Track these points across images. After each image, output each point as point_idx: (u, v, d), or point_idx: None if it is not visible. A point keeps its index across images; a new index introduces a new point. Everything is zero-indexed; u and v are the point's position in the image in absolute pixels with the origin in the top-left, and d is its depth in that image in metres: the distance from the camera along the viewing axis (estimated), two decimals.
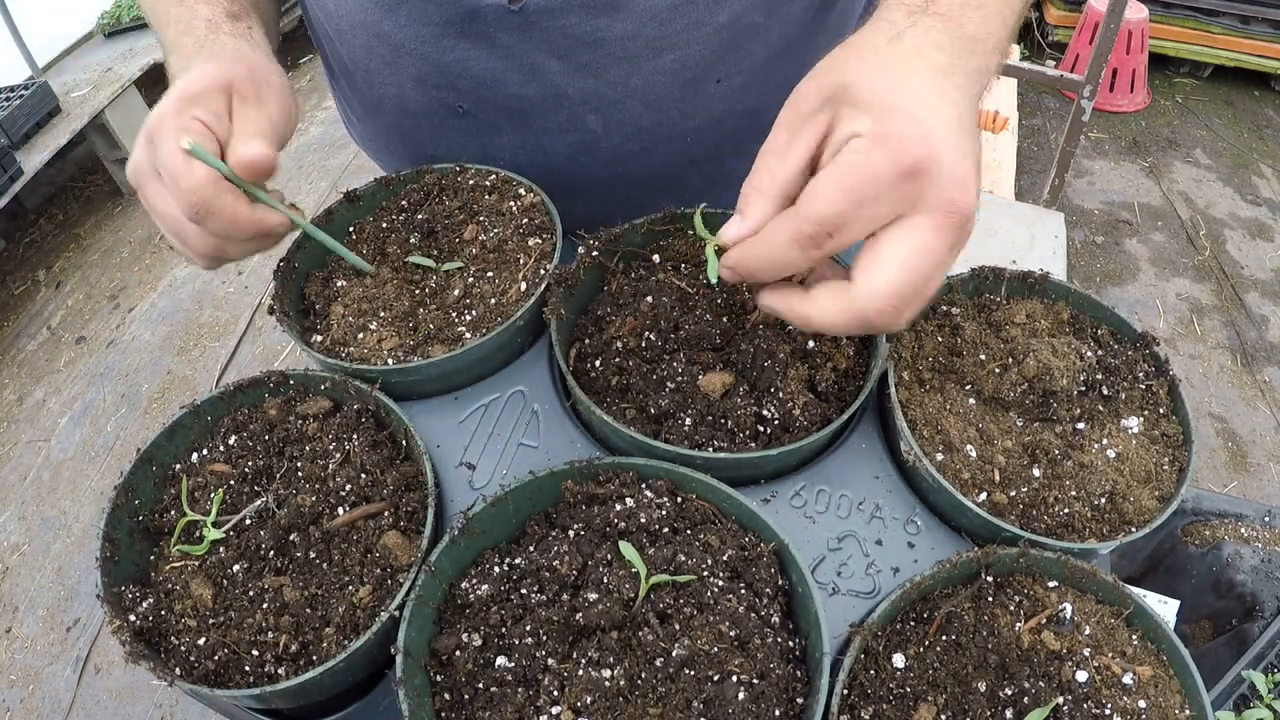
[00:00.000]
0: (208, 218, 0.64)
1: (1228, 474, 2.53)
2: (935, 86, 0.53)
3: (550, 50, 0.79)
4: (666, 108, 0.85)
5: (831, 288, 0.55)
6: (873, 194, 0.50)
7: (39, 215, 3.98)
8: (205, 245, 0.67)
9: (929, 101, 0.51)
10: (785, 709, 0.54)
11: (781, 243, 0.54)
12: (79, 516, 2.65)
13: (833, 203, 0.51)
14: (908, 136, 0.49)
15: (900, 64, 0.53)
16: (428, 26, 0.80)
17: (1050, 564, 0.61)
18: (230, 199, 0.65)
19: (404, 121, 0.92)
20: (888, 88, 0.52)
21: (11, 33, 3.59)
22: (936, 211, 0.50)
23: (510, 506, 0.63)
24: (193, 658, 0.59)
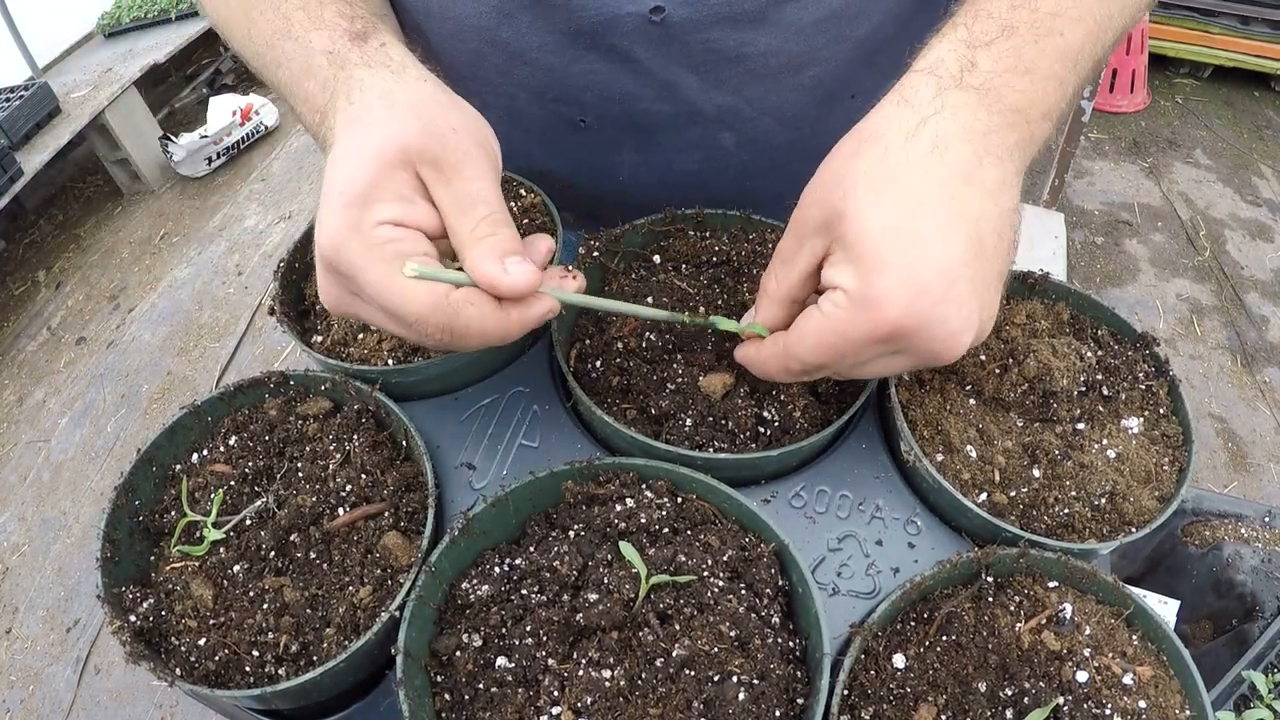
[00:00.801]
0: (457, 340, 0.54)
1: (1228, 474, 2.52)
2: (950, 206, 0.49)
3: (689, 65, 0.76)
4: (801, 125, 0.83)
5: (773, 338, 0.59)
6: (851, 352, 0.52)
7: (39, 216, 3.98)
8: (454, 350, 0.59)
9: (932, 239, 0.48)
10: (785, 709, 0.54)
11: (775, 369, 0.58)
12: (79, 517, 2.65)
13: (814, 354, 0.54)
14: (890, 301, 0.48)
15: (910, 181, 0.49)
16: (552, 35, 0.74)
17: (1050, 564, 0.61)
18: (473, 313, 0.53)
19: (513, 133, 0.83)
20: (881, 230, 0.49)
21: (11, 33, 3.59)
22: (913, 356, 0.52)
23: (510, 507, 0.63)
24: (193, 658, 0.59)
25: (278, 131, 4.33)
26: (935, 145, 0.49)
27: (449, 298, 0.52)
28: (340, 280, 0.54)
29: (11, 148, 3.25)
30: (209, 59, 4.69)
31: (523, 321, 0.56)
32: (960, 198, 0.49)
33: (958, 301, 0.49)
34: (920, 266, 0.48)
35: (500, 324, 0.54)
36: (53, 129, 3.47)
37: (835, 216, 0.51)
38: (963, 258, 0.48)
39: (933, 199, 0.49)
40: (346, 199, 0.52)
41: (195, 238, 3.74)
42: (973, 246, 0.49)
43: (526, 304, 0.55)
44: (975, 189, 0.49)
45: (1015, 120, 0.52)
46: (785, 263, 0.57)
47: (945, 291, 0.48)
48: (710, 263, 0.80)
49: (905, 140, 0.50)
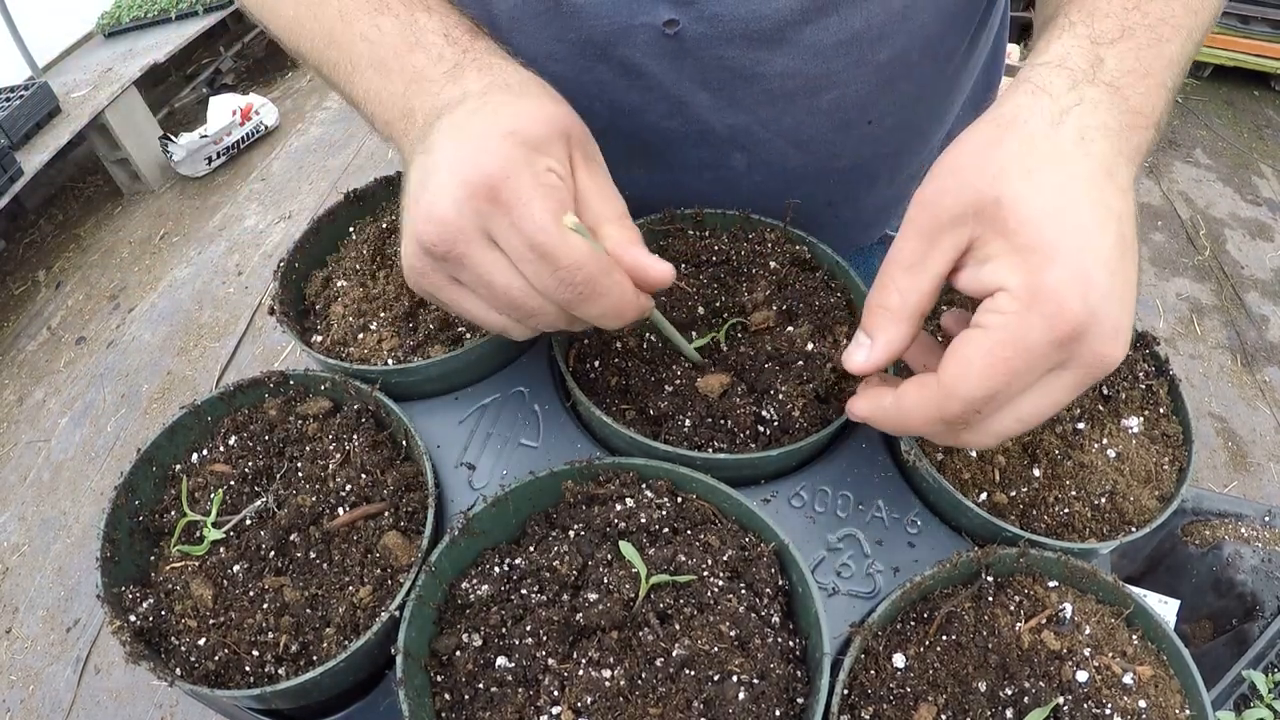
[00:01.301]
0: (590, 300, 0.53)
1: (1228, 474, 2.53)
2: (1099, 199, 0.45)
3: (702, 82, 0.74)
4: (817, 149, 0.81)
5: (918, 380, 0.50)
6: (1026, 368, 0.45)
7: (39, 215, 3.98)
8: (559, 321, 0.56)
9: (1092, 229, 0.44)
10: (785, 709, 0.54)
11: (923, 420, 0.49)
12: (79, 516, 2.65)
13: (985, 380, 0.45)
14: (1066, 297, 0.43)
15: (1062, 168, 0.46)
16: (563, 44, 0.72)
17: (1050, 564, 0.61)
18: (620, 278, 0.54)
19: None
20: (1045, 214, 0.44)
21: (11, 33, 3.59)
22: (1081, 369, 0.46)
23: (510, 507, 0.63)
24: (193, 658, 0.59)
25: (278, 131, 4.33)
26: (1081, 137, 0.46)
27: (601, 259, 0.52)
28: (484, 213, 0.50)
29: (11, 148, 3.25)
30: (209, 59, 4.69)
31: (640, 308, 0.57)
32: (1106, 192, 0.46)
33: (1119, 299, 0.44)
34: (1088, 256, 0.44)
35: (631, 301, 0.55)
36: (53, 129, 3.47)
37: (989, 204, 0.46)
38: (1116, 253, 0.45)
39: (1084, 190, 0.45)
40: (518, 138, 0.51)
41: (195, 237, 3.74)
42: (1120, 243, 0.45)
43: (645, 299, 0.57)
44: (1114, 186, 0.46)
45: (1137, 122, 0.49)
46: (911, 268, 0.49)
47: (1109, 286, 0.44)
48: (710, 262, 0.80)
49: (1050, 128, 0.47)
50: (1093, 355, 0.45)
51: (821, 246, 0.79)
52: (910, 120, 0.84)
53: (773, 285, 0.77)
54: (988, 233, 0.46)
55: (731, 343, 0.73)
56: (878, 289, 0.51)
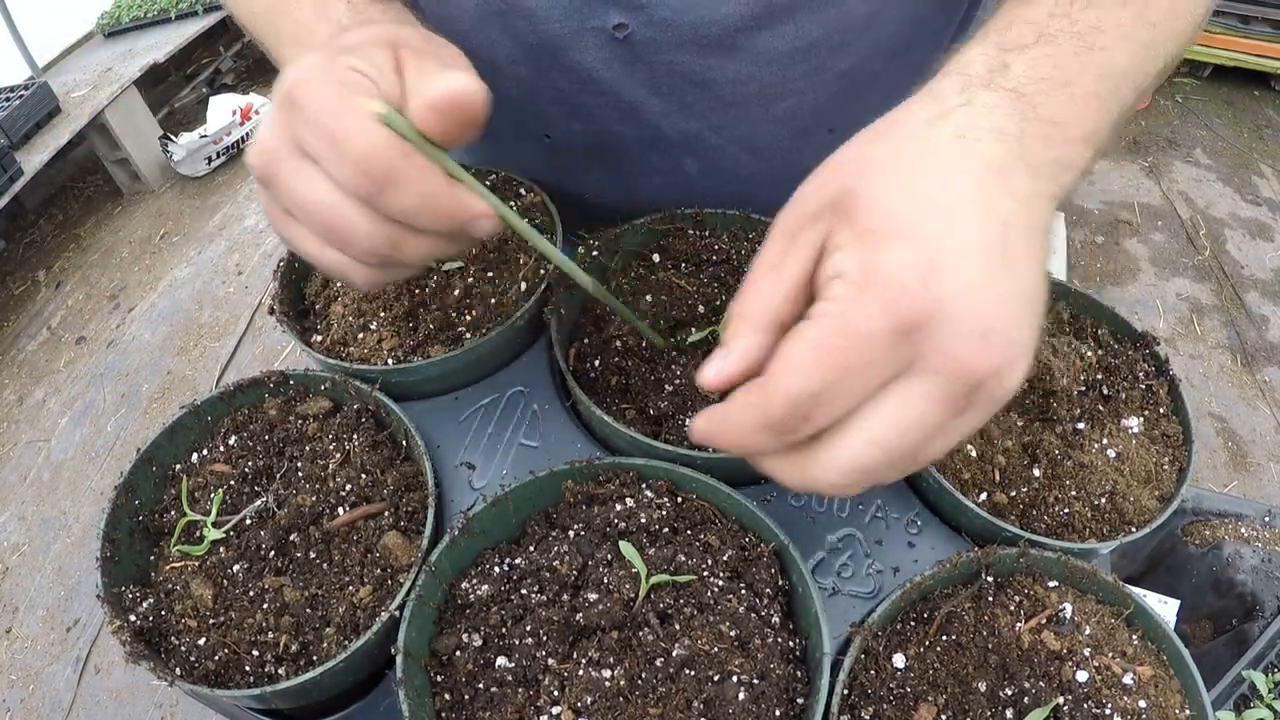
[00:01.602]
0: (389, 189, 0.46)
1: (1228, 474, 2.52)
2: (977, 191, 0.40)
3: (652, 88, 0.73)
4: (772, 157, 0.80)
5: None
6: (860, 361, 0.38)
7: (39, 215, 3.98)
8: (375, 237, 0.48)
9: (958, 219, 0.39)
10: (785, 709, 0.54)
11: (749, 429, 0.41)
12: (79, 516, 2.65)
13: (808, 376, 0.39)
14: (906, 279, 0.38)
15: (929, 160, 0.41)
16: (520, 47, 0.73)
17: (1050, 564, 0.61)
18: (422, 163, 0.47)
19: (484, 143, 0.84)
20: (896, 199, 0.40)
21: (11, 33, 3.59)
22: (935, 375, 0.38)
23: (510, 506, 0.63)
24: (193, 658, 0.59)
25: None
26: (961, 135, 0.42)
27: (404, 146, 0.46)
28: (288, 117, 0.47)
29: (11, 148, 3.25)
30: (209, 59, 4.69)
31: (461, 202, 0.49)
32: (989, 191, 0.40)
33: (995, 299, 0.38)
34: (946, 244, 0.38)
35: (446, 191, 0.48)
36: (53, 129, 3.47)
37: (843, 193, 0.42)
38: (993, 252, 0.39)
39: (955, 183, 0.40)
40: (328, 51, 0.48)
41: (195, 237, 3.74)
42: (1001, 245, 0.40)
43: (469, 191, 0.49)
44: (1004, 188, 0.41)
45: (1052, 134, 0.44)
46: (773, 269, 0.44)
47: (975, 281, 0.38)
48: (710, 261, 0.80)
49: (926, 126, 0.43)
50: (945, 356, 0.38)
51: None
52: None
53: None
54: (838, 224, 0.42)
55: None
56: (739, 294, 0.45)
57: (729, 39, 0.69)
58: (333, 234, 0.49)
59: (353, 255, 0.50)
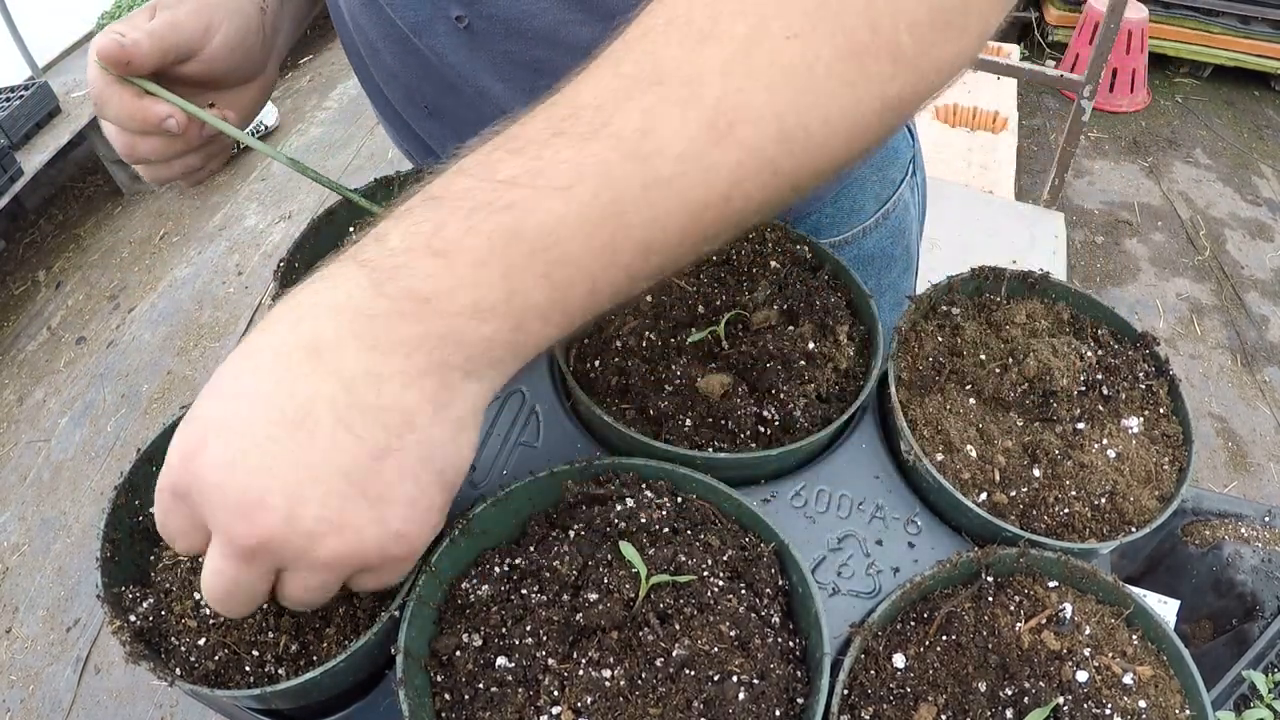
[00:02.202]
0: (103, 107, 0.69)
1: (1228, 474, 2.53)
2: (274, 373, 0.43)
3: (495, 73, 0.78)
4: None
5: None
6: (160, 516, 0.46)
7: (39, 215, 3.98)
8: (117, 141, 0.72)
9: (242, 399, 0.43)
10: (785, 709, 0.54)
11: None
12: (79, 516, 2.65)
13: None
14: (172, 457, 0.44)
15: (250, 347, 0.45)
16: (391, 28, 0.80)
17: (1050, 564, 0.61)
18: (118, 89, 0.68)
19: (392, 120, 0.94)
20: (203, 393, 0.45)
21: (11, 33, 3.59)
22: (218, 536, 0.43)
23: (511, 507, 0.63)
24: (193, 658, 0.59)
25: (278, 131, 4.33)
26: (299, 318, 0.44)
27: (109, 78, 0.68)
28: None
29: (11, 148, 3.25)
30: None
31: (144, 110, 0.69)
32: (295, 371, 0.42)
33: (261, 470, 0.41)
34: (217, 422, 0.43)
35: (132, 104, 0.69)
36: (53, 129, 3.47)
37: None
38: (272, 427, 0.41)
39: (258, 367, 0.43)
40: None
41: (195, 237, 3.74)
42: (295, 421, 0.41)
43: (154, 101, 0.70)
44: (321, 369, 0.42)
45: (419, 310, 0.42)
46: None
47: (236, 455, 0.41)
48: (710, 261, 0.80)
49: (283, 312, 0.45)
50: (214, 523, 0.43)
51: (822, 247, 0.79)
52: None
53: (774, 285, 0.77)
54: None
55: (733, 342, 0.73)
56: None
57: (551, 33, 0.74)
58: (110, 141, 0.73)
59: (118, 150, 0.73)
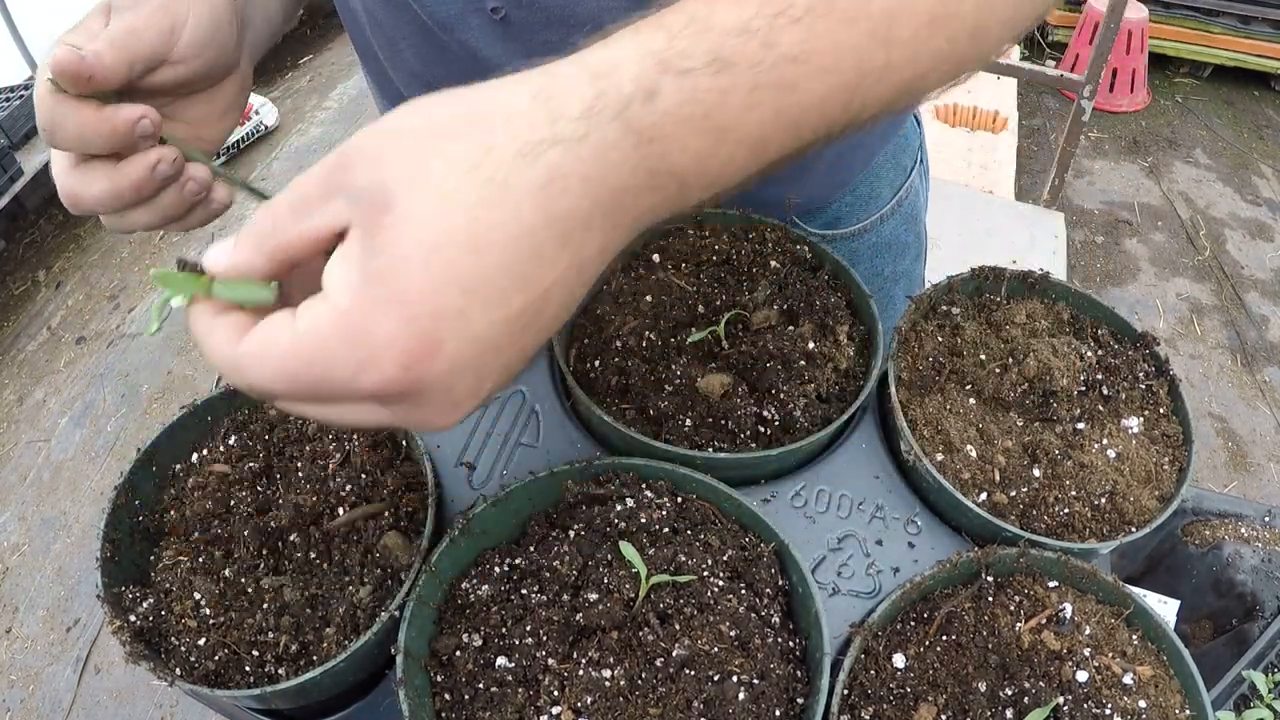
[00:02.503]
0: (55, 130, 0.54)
1: (1228, 474, 2.52)
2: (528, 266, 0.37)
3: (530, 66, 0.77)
4: None
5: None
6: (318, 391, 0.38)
7: (39, 215, 3.98)
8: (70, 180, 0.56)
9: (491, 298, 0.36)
10: (785, 709, 0.54)
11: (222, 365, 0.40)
12: (79, 516, 2.65)
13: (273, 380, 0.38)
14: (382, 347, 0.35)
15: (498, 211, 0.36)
16: (415, 26, 0.77)
17: (1050, 564, 0.61)
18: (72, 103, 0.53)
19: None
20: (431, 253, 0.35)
21: (11, 33, 3.59)
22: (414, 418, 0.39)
23: (511, 507, 0.63)
24: (193, 658, 0.59)
25: (278, 131, 4.33)
26: (549, 182, 0.37)
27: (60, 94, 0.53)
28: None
29: (11, 148, 3.25)
30: None
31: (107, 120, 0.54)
32: (544, 261, 0.37)
33: (478, 373, 0.38)
34: (450, 326, 0.36)
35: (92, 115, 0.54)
36: None
37: (381, 201, 0.36)
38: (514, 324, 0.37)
39: (511, 254, 0.36)
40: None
41: (195, 237, 3.73)
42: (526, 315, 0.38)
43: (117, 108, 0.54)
44: (567, 254, 0.38)
45: (666, 185, 0.39)
46: (295, 210, 0.39)
47: (470, 362, 0.37)
48: (710, 261, 0.80)
49: (516, 157, 0.37)
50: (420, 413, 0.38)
51: (822, 247, 0.79)
52: None
53: (774, 285, 0.77)
54: (362, 231, 0.37)
55: (733, 342, 0.73)
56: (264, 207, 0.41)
57: (594, 20, 0.71)
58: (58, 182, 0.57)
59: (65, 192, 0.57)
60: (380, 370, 0.36)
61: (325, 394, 0.38)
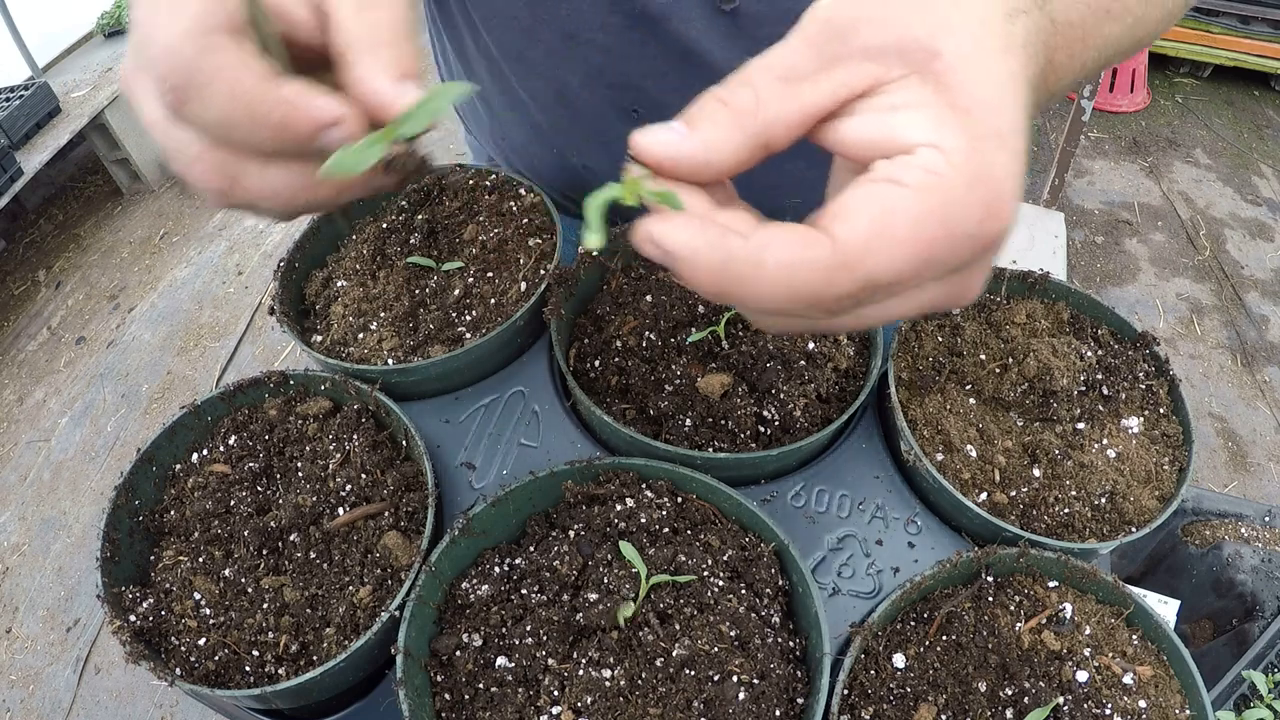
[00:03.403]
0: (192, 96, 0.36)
1: (1228, 474, 2.52)
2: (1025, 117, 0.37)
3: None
4: None
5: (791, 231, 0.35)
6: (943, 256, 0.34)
7: (39, 215, 3.98)
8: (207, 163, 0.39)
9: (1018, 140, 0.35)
10: (785, 709, 0.54)
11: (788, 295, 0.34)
12: (79, 516, 2.65)
13: (903, 260, 0.33)
14: (1006, 196, 0.34)
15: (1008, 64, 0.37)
16: (615, 17, 0.71)
17: (1050, 564, 0.61)
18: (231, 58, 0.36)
19: (560, 121, 0.81)
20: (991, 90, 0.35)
21: (11, 33, 3.59)
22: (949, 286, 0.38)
23: (510, 507, 0.63)
24: (193, 658, 0.59)
25: None
26: (1025, 44, 0.38)
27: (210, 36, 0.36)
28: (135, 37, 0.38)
29: (11, 148, 3.25)
30: None
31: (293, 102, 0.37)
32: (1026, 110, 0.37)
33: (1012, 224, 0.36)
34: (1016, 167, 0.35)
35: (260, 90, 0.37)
36: (53, 129, 3.47)
37: (922, 51, 0.35)
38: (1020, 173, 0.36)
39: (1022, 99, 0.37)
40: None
41: (195, 237, 3.74)
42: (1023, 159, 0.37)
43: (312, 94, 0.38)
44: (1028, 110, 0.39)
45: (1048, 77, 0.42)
46: (786, 79, 0.36)
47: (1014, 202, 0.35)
48: None
49: (1004, 17, 0.38)
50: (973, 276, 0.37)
51: None
52: None
53: None
54: (911, 79, 0.35)
55: (733, 342, 0.73)
56: (726, 84, 0.38)
57: None
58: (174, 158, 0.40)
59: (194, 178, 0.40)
60: (1003, 212, 0.34)
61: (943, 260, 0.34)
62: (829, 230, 0.34)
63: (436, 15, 0.89)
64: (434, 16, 0.90)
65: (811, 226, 0.35)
